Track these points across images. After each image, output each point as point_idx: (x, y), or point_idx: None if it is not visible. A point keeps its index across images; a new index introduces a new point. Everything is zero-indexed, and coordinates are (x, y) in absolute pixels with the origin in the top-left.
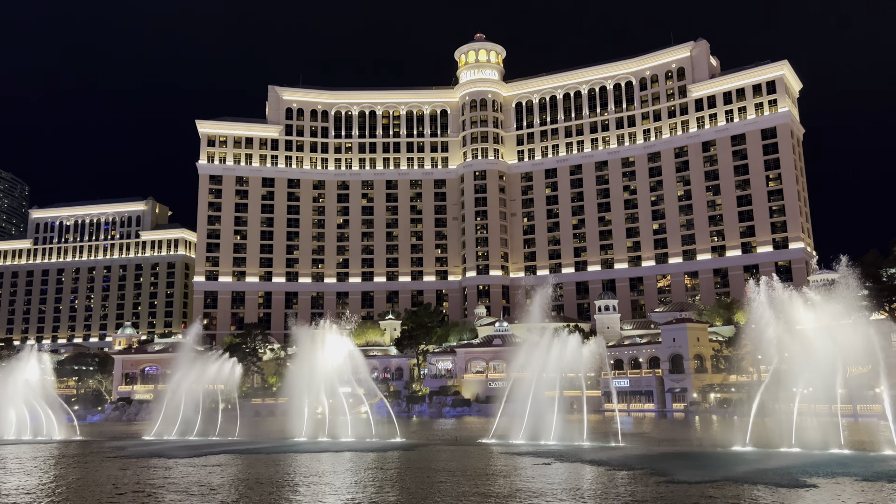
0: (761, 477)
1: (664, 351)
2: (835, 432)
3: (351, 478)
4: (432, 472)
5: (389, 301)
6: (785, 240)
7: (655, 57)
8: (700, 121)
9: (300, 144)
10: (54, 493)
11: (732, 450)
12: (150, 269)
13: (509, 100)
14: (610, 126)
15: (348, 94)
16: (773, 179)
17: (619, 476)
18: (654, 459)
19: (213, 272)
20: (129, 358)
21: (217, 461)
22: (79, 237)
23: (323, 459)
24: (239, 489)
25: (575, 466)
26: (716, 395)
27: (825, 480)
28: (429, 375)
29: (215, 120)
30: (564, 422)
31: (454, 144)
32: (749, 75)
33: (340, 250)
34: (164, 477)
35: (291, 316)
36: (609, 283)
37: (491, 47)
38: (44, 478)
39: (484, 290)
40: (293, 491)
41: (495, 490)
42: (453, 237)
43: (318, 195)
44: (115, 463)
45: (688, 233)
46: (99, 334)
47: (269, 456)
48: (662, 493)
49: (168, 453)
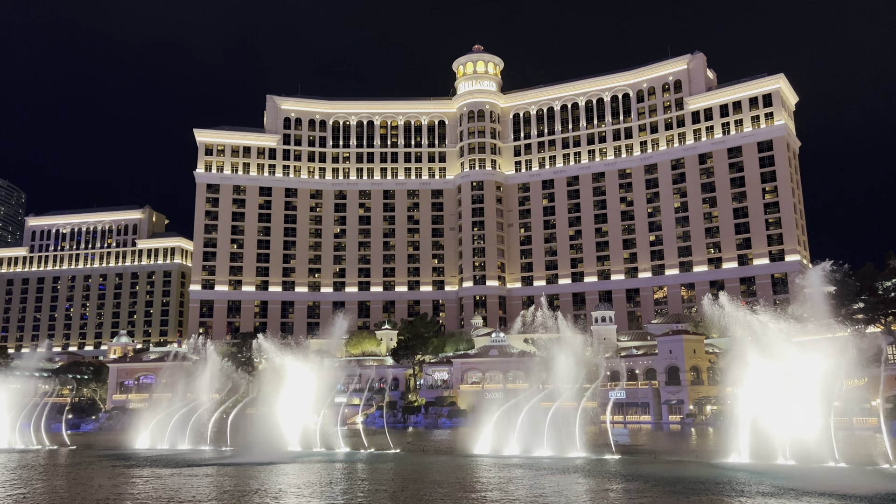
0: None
1: (660, 363)
2: (830, 446)
3: (329, 489)
4: (423, 483)
5: (386, 311)
6: (781, 252)
7: (652, 69)
8: (697, 133)
9: (298, 154)
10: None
11: (727, 462)
12: (147, 278)
13: (507, 111)
14: (607, 138)
15: (346, 103)
16: (769, 192)
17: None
18: (645, 471)
19: (209, 281)
20: (124, 367)
21: (206, 472)
22: (75, 245)
23: (313, 470)
24: (223, 501)
25: (567, 478)
26: (712, 408)
27: (810, 496)
28: (425, 386)
29: (213, 129)
30: (559, 434)
31: (452, 155)
32: (745, 88)
33: (337, 260)
34: (154, 487)
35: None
36: (606, 295)
37: (489, 59)
38: (24, 487)
39: (480, 301)
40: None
41: (486, 501)
42: (450, 247)
43: (316, 204)
44: (103, 472)
45: (684, 245)
46: (94, 343)
47: (258, 467)
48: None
49: (156, 463)
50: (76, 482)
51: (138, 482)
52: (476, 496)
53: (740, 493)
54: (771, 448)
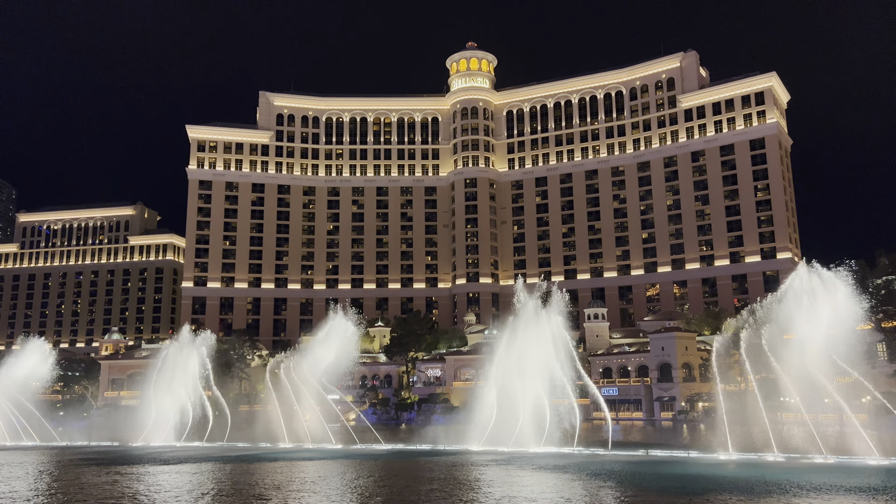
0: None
1: (653, 360)
2: (820, 440)
3: (321, 486)
4: (413, 480)
5: (379, 308)
6: (773, 249)
7: (645, 67)
8: (689, 131)
9: (291, 150)
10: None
11: (716, 457)
12: (138, 274)
13: (500, 108)
14: (600, 135)
15: (339, 100)
16: (761, 190)
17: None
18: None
19: (201, 277)
20: (115, 363)
21: (197, 468)
22: (66, 241)
23: (303, 467)
24: (213, 497)
25: (564, 475)
26: (703, 404)
27: (800, 491)
28: (418, 383)
29: (206, 125)
30: (552, 430)
31: (445, 152)
32: (738, 86)
33: (330, 256)
34: (148, 484)
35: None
36: (598, 292)
37: (482, 56)
38: (11, 486)
39: (474, 298)
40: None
41: (480, 497)
42: (443, 244)
43: (309, 201)
44: (93, 470)
45: (677, 242)
46: (86, 339)
47: (250, 464)
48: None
49: (148, 459)
50: (64, 481)
51: (132, 479)
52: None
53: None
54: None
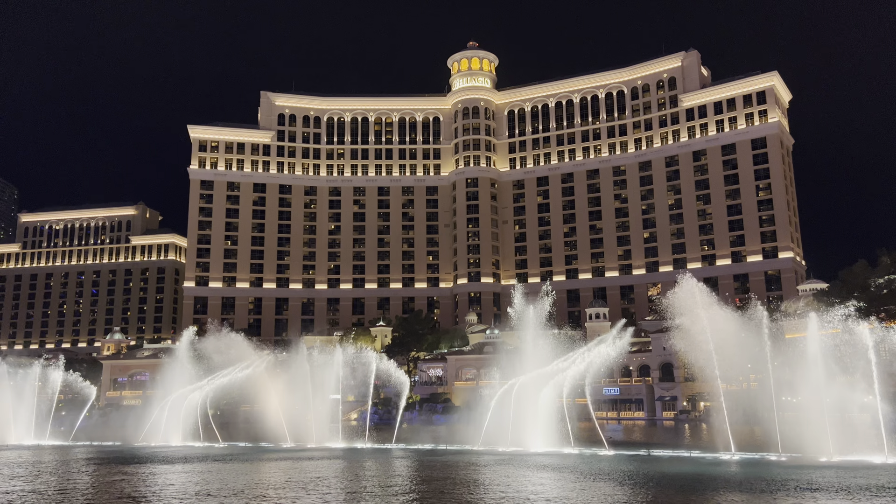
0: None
1: (654, 359)
2: (822, 439)
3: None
4: (413, 480)
5: (381, 308)
6: (774, 249)
7: (647, 67)
8: (691, 130)
9: (292, 150)
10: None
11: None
12: (140, 274)
13: (501, 107)
14: (601, 135)
15: (341, 100)
16: (762, 189)
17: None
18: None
19: (203, 277)
20: (117, 363)
21: (199, 468)
22: (68, 241)
23: (304, 466)
24: (214, 497)
25: (562, 474)
26: (705, 404)
27: (801, 490)
28: (419, 382)
29: (207, 125)
30: (551, 429)
31: (446, 152)
32: (739, 86)
33: (332, 256)
34: (146, 484)
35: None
36: (600, 291)
37: (483, 55)
38: (9, 484)
39: (475, 298)
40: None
41: (479, 497)
42: (445, 244)
43: (310, 201)
44: (97, 469)
45: (678, 242)
46: (87, 339)
47: (250, 464)
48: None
49: (149, 459)
50: (69, 480)
51: (134, 478)
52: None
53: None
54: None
